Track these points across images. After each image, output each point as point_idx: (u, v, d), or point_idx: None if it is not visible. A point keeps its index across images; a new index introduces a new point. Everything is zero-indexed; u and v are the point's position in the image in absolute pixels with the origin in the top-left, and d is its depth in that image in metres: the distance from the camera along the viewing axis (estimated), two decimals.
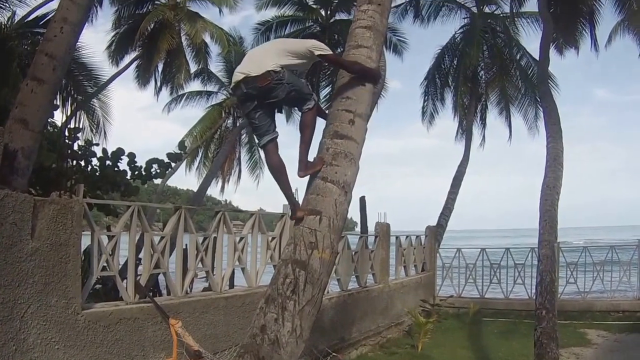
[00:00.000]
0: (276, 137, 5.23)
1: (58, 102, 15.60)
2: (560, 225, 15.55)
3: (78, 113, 18.57)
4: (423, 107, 25.06)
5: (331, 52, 5.51)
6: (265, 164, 6.44)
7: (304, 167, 5.05)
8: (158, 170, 15.20)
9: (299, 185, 5.33)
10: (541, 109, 20.12)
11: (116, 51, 24.51)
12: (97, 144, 15.83)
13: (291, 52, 5.22)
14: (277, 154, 5.25)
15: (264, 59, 5.12)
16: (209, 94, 29.11)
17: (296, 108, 5.50)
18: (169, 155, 15.56)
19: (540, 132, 22.65)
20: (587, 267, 16.44)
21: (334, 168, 4.80)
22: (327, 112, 5.45)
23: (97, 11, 19.97)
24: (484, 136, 25.41)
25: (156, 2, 25.04)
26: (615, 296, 16.01)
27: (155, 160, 15.09)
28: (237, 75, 5.14)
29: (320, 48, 5.32)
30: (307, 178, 5.02)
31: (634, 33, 22.03)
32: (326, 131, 5.12)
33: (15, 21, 17.83)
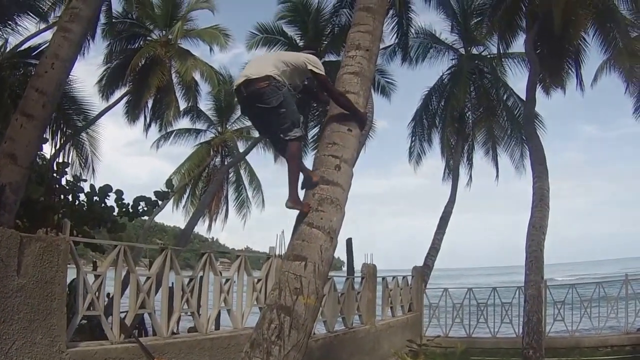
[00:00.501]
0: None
1: (47, 135, 15.63)
2: (547, 261, 15.66)
3: (67, 147, 18.61)
4: (410, 148, 25.20)
5: (324, 74, 5.67)
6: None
7: (293, 200, 5.16)
8: (145, 208, 15.16)
9: (286, 228, 5.38)
10: (527, 148, 20.33)
11: (107, 86, 24.53)
12: (85, 180, 15.81)
13: (288, 63, 5.47)
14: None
15: (264, 65, 5.37)
16: (197, 131, 29.21)
17: (281, 134, 5.43)
18: (156, 193, 15.54)
19: (526, 171, 22.79)
20: (575, 304, 16.43)
21: (320, 214, 4.86)
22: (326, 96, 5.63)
23: (89, 44, 20.06)
24: (470, 176, 25.59)
25: (148, 38, 25.26)
26: (603, 332, 15.95)
27: (142, 198, 15.06)
28: (240, 78, 5.43)
29: (314, 64, 5.60)
30: (293, 222, 5.08)
31: (619, 71, 22.40)
32: None
33: (7, 50, 17.94)
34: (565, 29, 17.69)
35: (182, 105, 26.32)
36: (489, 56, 24.52)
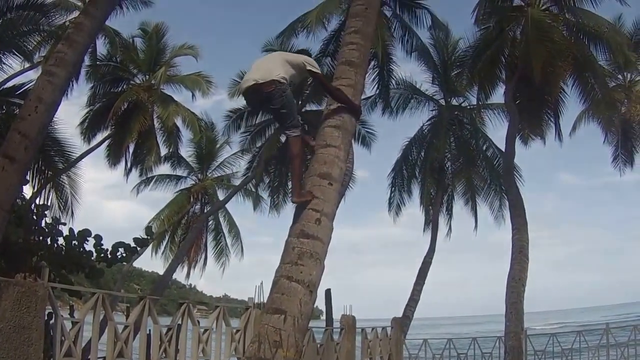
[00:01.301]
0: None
1: (28, 176, 15.55)
2: (526, 309, 15.68)
3: (47, 188, 18.50)
4: (390, 199, 25.33)
5: (320, 72, 6.28)
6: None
7: (298, 194, 5.54)
8: (124, 254, 15.02)
9: (264, 277, 5.39)
10: (506, 199, 20.47)
11: (89, 128, 24.45)
12: (64, 224, 15.64)
13: (291, 63, 5.99)
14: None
15: (270, 68, 5.84)
16: (178, 178, 29.06)
17: (282, 127, 6.33)
18: (135, 240, 15.43)
19: (506, 221, 22.87)
20: (555, 354, 16.41)
21: (300, 267, 4.87)
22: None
23: (72, 85, 20.07)
24: (450, 226, 25.67)
25: (131, 82, 25.30)
26: None
27: (121, 244, 14.93)
28: (247, 82, 5.89)
29: (311, 64, 6.12)
30: (270, 272, 5.09)
31: (598, 121, 22.82)
32: (292, 230, 5.22)
33: None
34: (545, 80, 18.03)
35: (163, 151, 26.26)
36: (468, 107, 24.84)
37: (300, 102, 23.68)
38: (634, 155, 24.39)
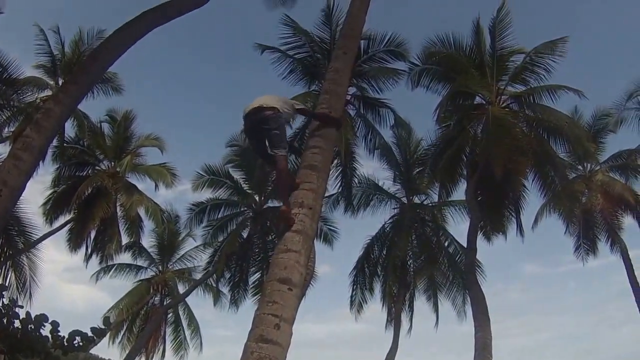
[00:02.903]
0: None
1: None
2: None
3: (5, 268, 18.18)
4: (352, 297, 24.92)
5: (304, 107, 8.07)
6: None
7: (286, 206, 6.28)
8: (81, 343, 14.69)
9: None
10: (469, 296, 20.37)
11: (52, 210, 24.38)
12: (22, 306, 15.31)
13: (284, 102, 7.26)
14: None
15: (273, 101, 7.08)
16: (138, 268, 28.58)
17: (273, 149, 6.94)
18: (93, 329, 15.04)
19: (467, 316, 22.64)
20: None
21: None
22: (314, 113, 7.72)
23: (38, 164, 20.06)
24: (411, 323, 25.20)
25: (96, 167, 25.39)
26: None
27: (78, 333, 14.50)
28: (254, 104, 7.05)
29: (299, 105, 7.66)
30: None
31: (559, 213, 23.16)
32: (251, 334, 5.22)
33: None
34: (506, 176, 18.24)
35: (125, 239, 26.08)
36: (430, 205, 24.97)
37: (262, 198, 24.10)
38: (596, 243, 24.96)
